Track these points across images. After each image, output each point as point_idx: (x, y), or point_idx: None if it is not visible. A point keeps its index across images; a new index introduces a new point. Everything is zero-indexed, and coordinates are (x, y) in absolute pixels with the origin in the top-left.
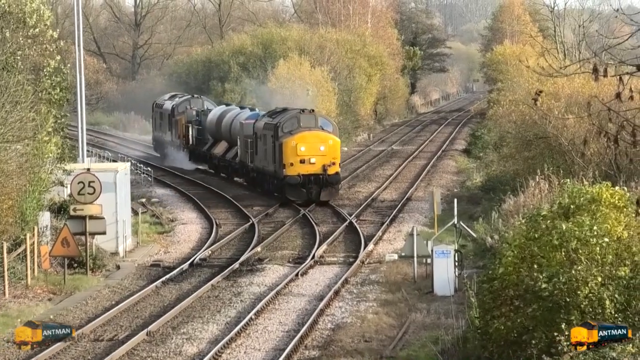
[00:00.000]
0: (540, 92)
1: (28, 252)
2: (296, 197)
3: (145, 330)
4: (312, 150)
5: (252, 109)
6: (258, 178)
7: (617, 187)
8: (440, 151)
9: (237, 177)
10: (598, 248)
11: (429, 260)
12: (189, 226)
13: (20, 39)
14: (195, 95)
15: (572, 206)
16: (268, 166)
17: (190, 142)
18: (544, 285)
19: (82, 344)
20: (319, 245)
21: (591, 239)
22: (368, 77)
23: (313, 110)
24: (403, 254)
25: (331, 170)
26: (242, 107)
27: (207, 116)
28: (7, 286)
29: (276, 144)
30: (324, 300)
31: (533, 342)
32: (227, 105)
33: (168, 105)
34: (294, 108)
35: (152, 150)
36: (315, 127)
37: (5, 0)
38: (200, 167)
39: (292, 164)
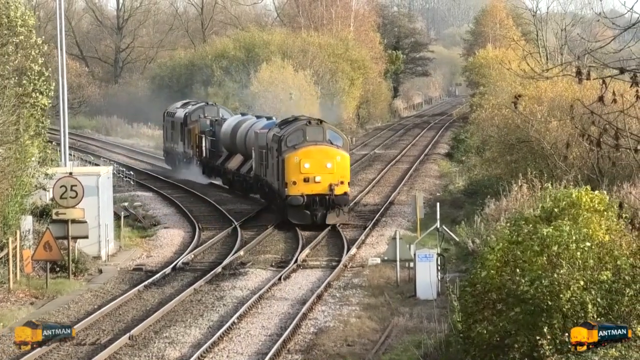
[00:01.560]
0: (520, 96)
1: (10, 256)
2: (299, 219)
3: (127, 335)
4: (318, 168)
5: (269, 118)
6: (270, 194)
7: (597, 191)
8: (423, 155)
9: (252, 193)
10: (579, 252)
11: (411, 264)
12: (171, 230)
13: (9, 45)
14: (210, 103)
15: (554, 210)
16: (274, 183)
17: (204, 155)
18: (526, 289)
19: (65, 348)
20: (302, 249)
21: (571, 244)
22: (351, 81)
23: (321, 122)
24: (386, 257)
25: (339, 190)
26: (258, 117)
27: (221, 126)
28: None
29: (279, 159)
30: (307, 304)
31: (515, 345)
32: (243, 114)
33: (180, 113)
34: (303, 117)
35: (132, 153)
36: (322, 141)
37: None
38: (214, 181)
39: (294, 183)
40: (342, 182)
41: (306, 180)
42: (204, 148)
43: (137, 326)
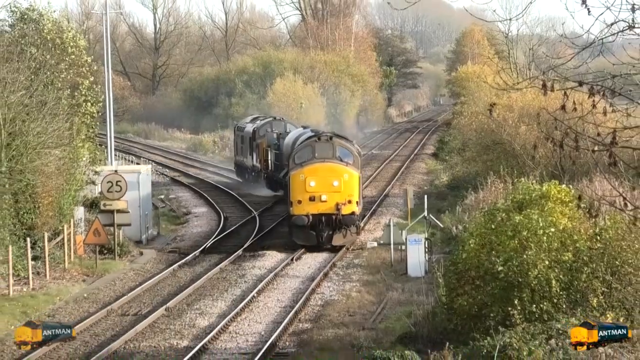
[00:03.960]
0: (494, 104)
1: (65, 241)
2: (304, 240)
3: (164, 307)
4: (324, 186)
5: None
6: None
7: (562, 185)
8: (413, 155)
9: None
10: (545, 237)
11: (403, 247)
12: (201, 218)
13: (62, 64)
14: (278, 118)
15: (524, 201)
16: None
17: (269, 168)
18: (500, 268)
19: (112, 318)
20: None
21: (539, 230)
22: (351, 92)
23: (332, 138)
24: (382, 241)
25: (346, 210)
26: (313, 131)
27: (284, 140)
28: (48, 269)
29: (287, 176)
30: (315, 281)
31: (491, 315)
32: (304, 127)
33: (249, 128)
34: (323, 133)
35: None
36: (332, 157)
37: (48, 30)
38: (278, 193)
39: (300, 202)
40: (349, 201)
41: (312, 199)
42: (269, 161)
43: (172, 299)
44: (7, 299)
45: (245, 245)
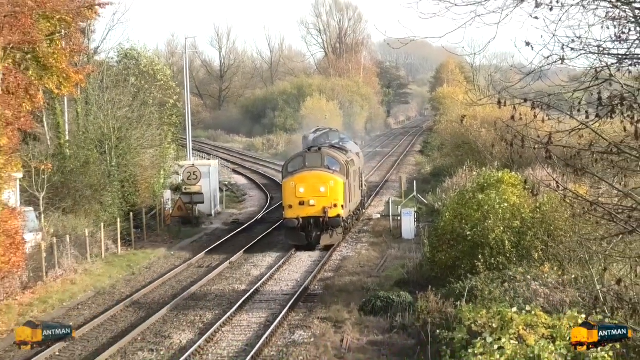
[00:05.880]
0: (464, 116)
1: (157, 214)
2: (295, 241)
3: (228, 261)
4: (312, 192)
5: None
6: None
7: (512, 172)
8: (405, 151)
9: None
10: (500, 210)
11: (399, 218)
12: (254, 198)
13: (154, 88)
14: (334, 129)
15: (485, 184)
16: None
17: None
18: (468, 233)
19: (191, 269)
20: None
21: (496, 205)
22: (361, 107)
23: (320, 149)
24: (383, 214)
25: (332, 213)
26: (340, 139)
27: None
28: (145, 235)
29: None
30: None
31: (462, 266)
32: (341, 138)
33: (311, 137)
34: (324, 145)
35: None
36: (320, 166)
37: (144, 65)
38: None
39: (290, 206)
40: (335, 205)
41: (301, 203)
42: None
43: (234, 256)
44: (116, 256)
45: None
